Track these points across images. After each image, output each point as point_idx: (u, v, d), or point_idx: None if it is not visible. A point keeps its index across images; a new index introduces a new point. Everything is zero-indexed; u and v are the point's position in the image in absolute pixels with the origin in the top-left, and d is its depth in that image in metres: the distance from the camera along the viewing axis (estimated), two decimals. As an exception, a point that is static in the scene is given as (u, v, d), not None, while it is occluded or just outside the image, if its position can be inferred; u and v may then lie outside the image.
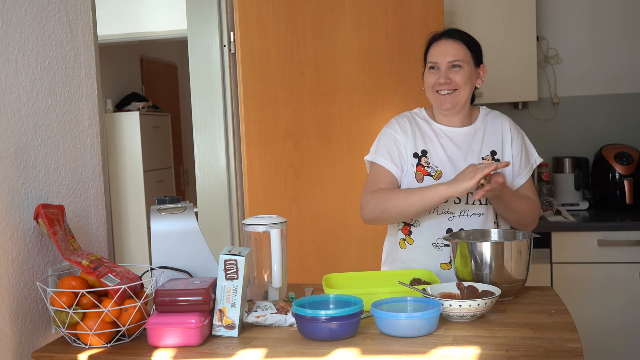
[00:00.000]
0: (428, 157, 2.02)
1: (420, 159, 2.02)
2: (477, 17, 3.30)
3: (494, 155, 2.04)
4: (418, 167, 2.01)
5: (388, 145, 2.05)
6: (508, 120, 2.10)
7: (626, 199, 3.27)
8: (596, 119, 3.58)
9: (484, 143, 2.04)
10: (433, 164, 2.01)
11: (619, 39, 3.52)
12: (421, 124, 2.07)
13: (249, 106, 2.77)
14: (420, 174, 2.01)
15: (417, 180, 2.00)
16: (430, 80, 2.01)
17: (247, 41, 2.76)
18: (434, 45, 2.02)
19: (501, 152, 2.05)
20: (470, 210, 2.00)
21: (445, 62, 1.98)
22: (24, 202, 1.62)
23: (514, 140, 2.07)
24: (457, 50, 1.98)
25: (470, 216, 2.00)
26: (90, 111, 1.93)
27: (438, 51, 2.00)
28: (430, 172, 2.01)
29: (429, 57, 2.03)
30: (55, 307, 1.55)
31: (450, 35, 2.01)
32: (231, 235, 2.91)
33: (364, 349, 1.46)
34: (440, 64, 1.99)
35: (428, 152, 2.03)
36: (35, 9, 1.70)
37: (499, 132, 2.07)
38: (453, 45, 1.99)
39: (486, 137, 2.05)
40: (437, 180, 1.99)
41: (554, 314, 1.64)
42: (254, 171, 2.79)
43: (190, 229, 1.79)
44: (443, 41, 2.01)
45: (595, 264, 2.99)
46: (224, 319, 1.57)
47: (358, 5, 2.78)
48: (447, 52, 1.98)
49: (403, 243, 2.06)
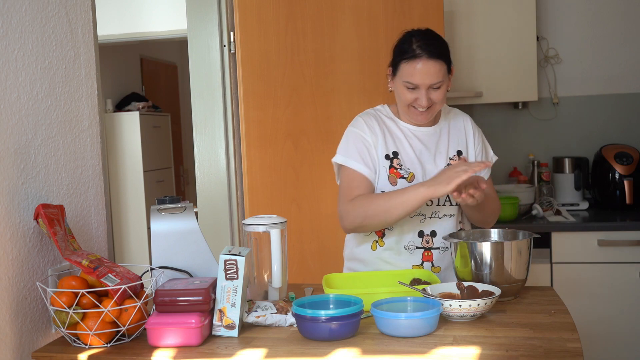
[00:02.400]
0: (400, 158, 1.99)
1: (393, 161, 1.99)
2: (477, 17, 3.30)
3: (460, 155, 2.03)
4: (391, 170, 1.98)
5: (358, 147, 1.99)
6: (469, 119, 2.10)
7: (626, 199, 3.27)
8: (596, 119, 3.58)
9: (450, 143, 2.03)
10: (405, 166, 1.99)
11: (619, 39, 3.52)
12: (388, 123, 2.03)
13: (249, 106, 2.77)
14: (393, 176, 1.98)
15: (390, 183, 1.98)
16: (407, 97, 1.92)
17: (247, 41, 2.76)
18: (412, 64, 1.88)
19: (465, 151, 2.05)
20: (441, 211, 2.00)
21: (426, 84, 1.88)
22: (24, 202, 1.62)
23: (476, 138, 2.07)
24: (438, 71, 1.88)
25: (442, 217, 2.00)
26: (90, 111, 1.93)
27: (419, 74, 1.87)
28: (404, 175, 1.98)
29: (406, 75, 1.90)
30: (55, 307, 1.55)
31: (430, 55, 1.87)
32: (231, 235, 2.91)
33: (364, 349, 1.46)
34: (421, 86, 1.89)
35: (399, 154, 2.00)
36: (35, 9, 1.70)
37: (462, 131, 2.06)
38: (434, 66, 1.87)
39: (451, 137, 2.04)
40: (410, 182, 1.97)
41: (554, 314, 1.64)
42: (254, 171, 2.79)
43: (190, 229, 1.79)
44: (424, 62, 1.87)
45: (595, 264, 2.99)
46: (224, 319, 1.57)
47: (358, 5, 2.78)
48: (429, 75, 1.87)
49: (375, 245, 2.04)
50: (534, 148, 3.63)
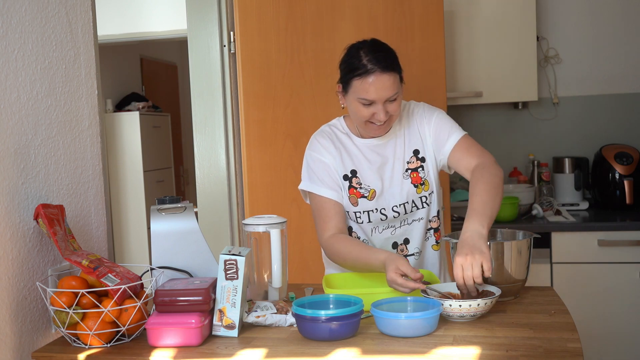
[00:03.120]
0: (358, 177, 1.96)
1: (352, 180, 1.95)
2: (477, 17, 3.30)
3: (417, 154, 1.97)
4: (350, 190, 1.95)
5: (320, 171, 1.95)
6: (420, 107, 2.00)
7: (626, 199, 3.27)
8: (596, 119, 3.58)
9: (405, 146, 1.97)
10: (365, 184, 1.95)
11: (619, 39, 3.52)
12: (343, 139, 1.98)
13: (249, 106, 2.77)
14: (354, 197, 1.95)
15: (352, 204, 1.95)
16: (364, 114, 1.84)
17: (247, 41, 2.76)
18: (365, 80, 1.80)
19: (423, 146, 1.96)
20: (410, 217, 1.97)
21: (382, 99, 1.81)
22: (24, 202, 1.62)
23: (426, 118, 1.97)
24: (392, 84, 1.81)
25: (411, 223, 1.98)
26: (90, 111, 1.93)
27: (373, 89, 1.79)
28: (364, 193, 1.95)
29: (360, 92, 1.81)
30: (55, 307, 1.55)
31: (383, 69, 1.79)
32: (231, 235, 2.91)
33: (364, 349, 1.46)
34: (377, 101, 1.81)
35: (357, 172, 1.96)
36: (35, 9, 1.70)
37: (415, 125, 1.98)
38: (388, 79, 1.80)
39: (406, 138, 1.97)
40: (371, 200, 1.94)
41: (554, 314, 1.64)
42: (254, 171, 2.79)
43: (190, 229, 1.79)
44: (377, 76, 1.79)
45: (595, 264, 2.99)
46: (224, 319, 1.57)
47: (358, 5, 2.78)
48: (384, 89, 1.80)
49: None
50: (534, 148, 3.63)
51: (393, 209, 1.95)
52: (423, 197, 1.97)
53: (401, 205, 1.95)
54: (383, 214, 1.95)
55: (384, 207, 1.95)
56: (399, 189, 1.95)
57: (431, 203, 1.98)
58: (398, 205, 1.95)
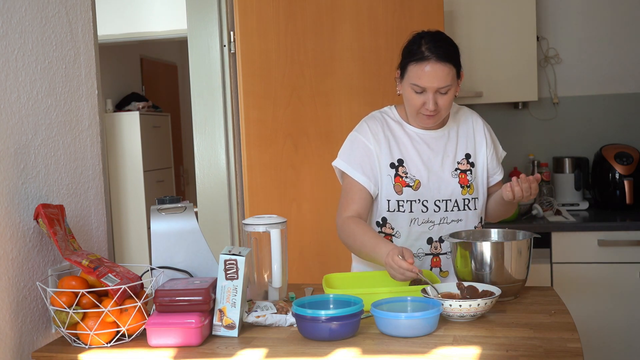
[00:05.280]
0: (405, 166, 1.97)
1: (398, 169, 1.97)
2: (477, 17, 3.30)
3: (469, 158, 2.01)
4: (396, 178, 1.96)
5: (360, 155, 1.98)
6: (479, 118, 2.08)
7: (626, 199, 3.27)
8: (596, 119, 3.58)
9: (458, 146, 2.01)
10: (411, 174, 1.97)
11: (619, 39, 3.52)
12: (394, 127, 2.01)
13: (249, 106, 2.77)
14: (399, 185, 1.96)
15: (396, 192, 1.96)
16: (416, 102, 1.90)
17: (247, 41, 2.76)
18: (421, 66, 1.85)
19: (474, 154, 2.03)
20: (449, 217, 1.99)
21: (434, 88, 1.86)
22: (24, 202, 1.62)
23: (487, 139, 2.05)
24: (446, 75, 1.85)
25: (450, 223, 1.99)
26: (90, 111, 1.93)
27: (427, 76, 1.85)
28: (409, 183, 1.96)
29: (414, 78, 1.87)
30: (55, 307, 1.55)
31: (439, 58, 1.84)
32: (231, 235, 2.91)
33: (364, 349, 1.46)
34: (428, 90, 1.86)
35: (405, 161, 1.98)
36: (35, 9, 1.70)
37: (472, 133, 2.04)
38: (443, 70, 1.84)
39: (460, 139, 2.02)
40: (416, 190, 1.95)
41: (554, 314, 1.64)
42: (254, 171, 2.78)
43: (190, 229, 1.79)
44: (432, 64, 1.84)
45: (595, 264, 2.99)
46: (224, 319, 1.57)
47: (358, 5, 2.78)
48: (437, 78, 1.85)
49: None
50: (534, 148, 3.63)
51: (435, 203, 1.97)
52: (466, 200, 1.98)
53: (444, 201, 1.97)
54: (425, 205, 1.96)
55: (426, 199, 1.96)
56: (445, 185, 1.97)
57: (474, 209, 2.00)
58: (441, 200, 1.97)
